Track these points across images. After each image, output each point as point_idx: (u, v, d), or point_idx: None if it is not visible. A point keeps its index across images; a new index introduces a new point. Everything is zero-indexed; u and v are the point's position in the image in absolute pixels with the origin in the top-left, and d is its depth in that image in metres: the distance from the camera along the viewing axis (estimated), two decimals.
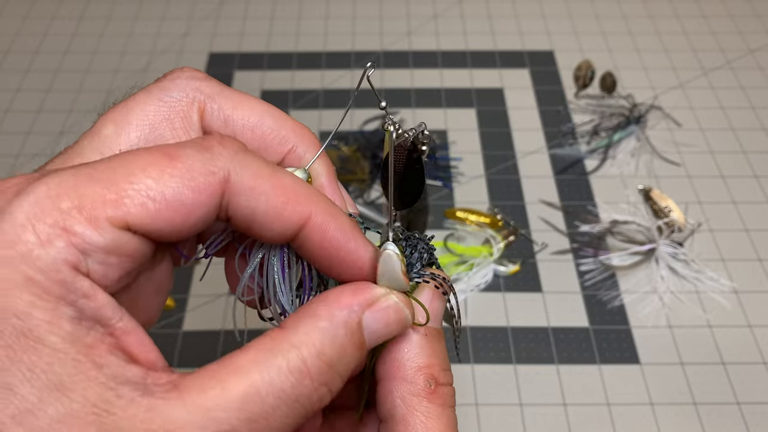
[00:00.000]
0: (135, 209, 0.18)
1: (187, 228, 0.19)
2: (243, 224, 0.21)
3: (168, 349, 0.52)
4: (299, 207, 0.21)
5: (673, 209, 0.60)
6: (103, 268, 0.18)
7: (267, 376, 0.18)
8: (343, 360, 0.20)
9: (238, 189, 0.20)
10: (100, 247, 0.18)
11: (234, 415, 0.17)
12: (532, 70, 0.75)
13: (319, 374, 0.19)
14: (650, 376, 0.51)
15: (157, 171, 0.18)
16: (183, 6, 0.82)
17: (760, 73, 0.74)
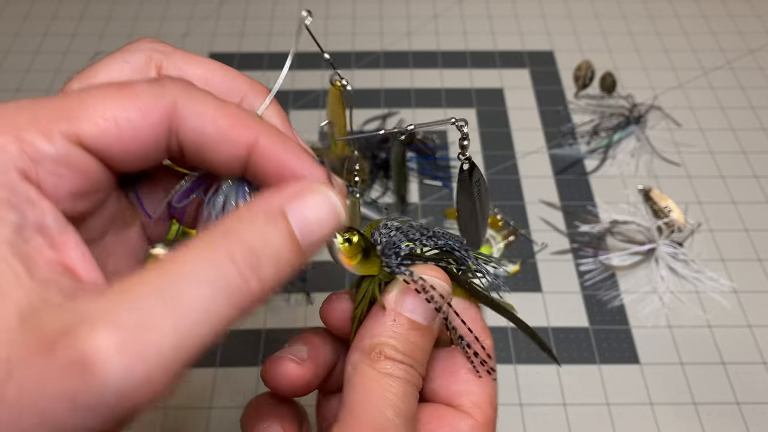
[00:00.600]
0: (86, 125, 0.19)
1: (136, 149, 0.20)
2: (194, 151, 0.22)
3: None
4: (246, 130, 0.22)
5: (673, 209, 0.60)
6: (54, 179, 0.19)
7: (186, 265, 0.18)
8: (268, 248, 0.19)
9: (185, 113, 0.21)
10: (50, 156, 0.19)
11: (152, 302, 0.17)
12: (532, 71, 0.75)
13: (244, 259, 0.18)
14: (650, 376, 0.51)
15: (108, 97, 0.20)
16: (183, 6, 0.82)
17: (760, 73, 0.74)
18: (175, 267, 0.18)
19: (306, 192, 0.21)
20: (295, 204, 0.20)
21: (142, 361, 0.16)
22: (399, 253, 0.26)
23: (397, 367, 0.23)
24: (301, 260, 0.20)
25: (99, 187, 0.21)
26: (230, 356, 0.52)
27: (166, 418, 0.49)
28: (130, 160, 0.21)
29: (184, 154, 0.22)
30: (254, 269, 0.19)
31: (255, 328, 0.53)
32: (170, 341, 0.17)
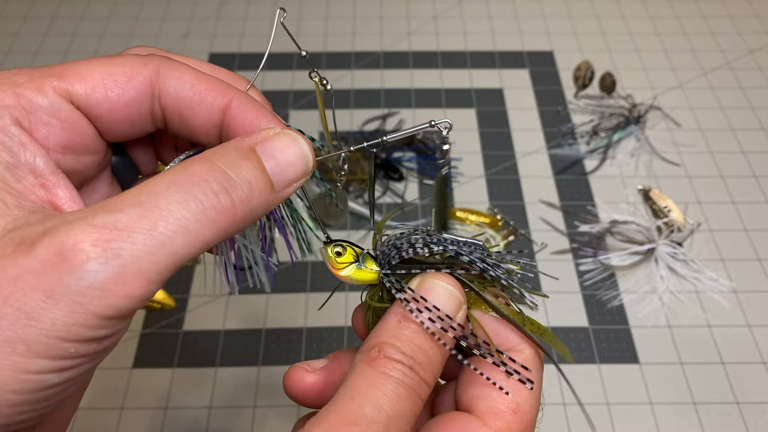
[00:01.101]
0: (77, 84, 0.22)
1: (122, 109, 0.23)
2: (174, 116, 0.24)
3: (168, 348, 0.52)
4: (221, 93, 0.24)
5: (673, 209, 0.60)
6: (46, 129, 0.21)
7: (162, 184, 0.19)
8: (240, 174, 0.20)
9: (166, 79, 0.23)
10: (43, 108, 0.21)
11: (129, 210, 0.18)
12: (531, 71, 0.75)
13: (216, 179, 0.20)
14: (649, 375, 0.51)
15: (98, 63, 0.22)
16: (183, 7, 0.83)
17: (759, 74, 0.74)
18: (152, 184, 0.19)
19: (276, 135, 0.23)
20: (266, 144, 0.22)
21: (117, 258, 0.17)
22: (393, 263, 0.26)
23: (393, 366, 0.23)
24: (273, 196, 0.22)
25: (87, 147, 0.23)
26: (230, 356, 0.52)
27: (166, 416, 0.49)
28: (117, 121, 0.23)
29: (166, 121, 0.24)
30: (226, 189, 0.20)
31: (255, 328, 0.53)
32: (144, 245, 0.18)
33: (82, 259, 0.17)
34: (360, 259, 0.26)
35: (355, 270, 0.26)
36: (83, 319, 0.17)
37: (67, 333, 0.17)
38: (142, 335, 0.53)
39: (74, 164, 0.23)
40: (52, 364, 0.18)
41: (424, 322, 0.24)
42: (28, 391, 0.18)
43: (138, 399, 0.50)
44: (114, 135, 0.24)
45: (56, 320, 0.17)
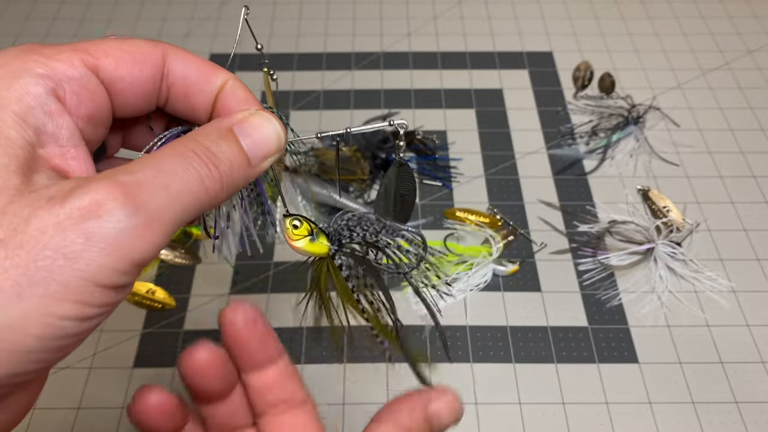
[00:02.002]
0: (104, 58, 0.24)
1: (141, 84, 0.25)
2: (180, 92, 0.26)
3: (169, 348, 0.53)
4: (221, 73, 0.27)
5: (672, 209, 0.61)
6: (77, 99, 0.23)
7: (158, 157, 0.22)
8: (222, 151, 0.23)
9: (174, 60, 0.26)
10: (74, 79, 0.23)
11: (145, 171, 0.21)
12: (531, 71, 0.75)
13: (203, 153, 0.23)
14: (649, 375, 0.51)
15: (116, 43, 0.25)
16: (184, 7, 0.83)
17: (758, 74, 0.74)
18: (158, 155, 0.22)
19: (251, 115, 0.26)
20: (242, 124, 0.25)
21: (145, 207, 0.20)
22: (342, 238, 0.30)
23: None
24: (251, 171, 0.25)
25: (104, 120, 0.25)
26: None
27: None
28: (134, 96, 0.25)
29: (169, 99, 0.27)
30: (213, 162, 0.23)
31: None
32: (163, 198, 0.21)
33: (117, 207, 0.19)
34: (314, 234, 0.30)
35: (307, 243, 0.30)
36: (116, 262, 0.19)
37: (99, 276, 0.19)
38: (143, 335, 0.53)
39: (91, 136, 0.25)
40: (76, 310, 0.19)
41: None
42: (47, 338, 0.19)
43: None
44: (126, 110, 0.26)
45: (92, 261, 0.19)
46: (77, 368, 0.51)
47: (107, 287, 0.20)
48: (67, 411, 0.49)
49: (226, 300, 0.55)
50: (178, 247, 0.58)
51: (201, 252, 0.59)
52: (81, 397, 0.50)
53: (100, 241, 0.19)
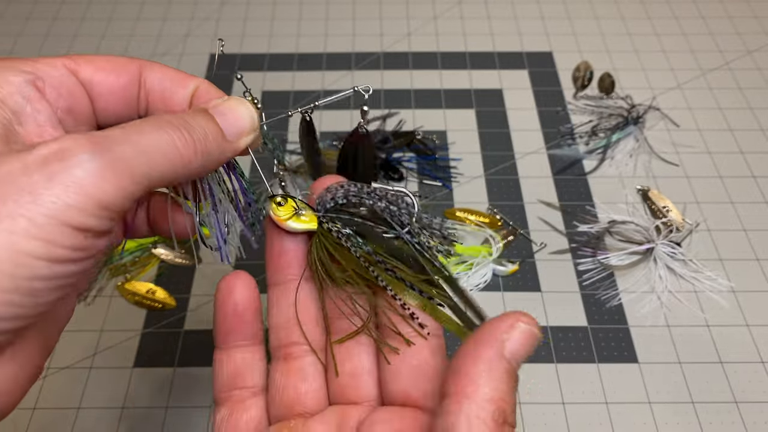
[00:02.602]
0: (84, 64, 0.27)
1: (119, 91, 0.27)
2: (158, 97, 0.28)
3: (169, 348, 0.53)
4: (194, 79, 0.29)
5: (671, 209, 0.61)
6: (56, 93, 0.26)
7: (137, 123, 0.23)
8: (199, 125, 0.25)
9: (150, 70, 0.28)
10: (54, 76, 0.26)
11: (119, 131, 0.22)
12: (530, 71, 0.75)
13: (179, 122, 0.24)
14: (648, 375, 0.51)
15: (97, 56, 0.28)
16: (184, 7, 0.83)
17: (758, 74, 0.74)
18: (130, 124, 0.23)
19: (226, 100, 0.28)
20: (218, 107, 0.27)
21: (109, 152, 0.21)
22: (327, 206, 0.30)
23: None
24: (227, 144, 0.27)
25: (85, 119, 0.27)
26: None
27: (167, 416, 0.49)
28: (113, 101, 0.27)
29: (149, 106, 0.28)
30: (186, 128, 0.24)
31: None
32: (131, 150, 0.22)
33: (81, 151, 0.21)
34: (299, 209, 0.30)
35: (294, 219, 0.30)
36: (82, 201, 0.20)
37: (66, 215, 0.20)
38: (143, 335, 0.53)
39: (73, 130, 0.27)
40: (45, 249, 0.20)
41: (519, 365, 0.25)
42: (20, 277, 0.19)
43: (139, 398, 0.50)
44: (107, 115, 0.28)
45: (57, 200, 0.20)
46: (77, 368, 0.51)
47: (76, 228, 0.20)
48: (67, 411, 0.49)
49: None
50: (178, 247, 0.58)
51: (201, 252, 0.59)
52: (81, 397, 0.50)
53: (64, 180, 0.20)
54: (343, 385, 0.30)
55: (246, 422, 0.29)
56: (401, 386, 0.28)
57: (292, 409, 0.30)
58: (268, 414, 0.30)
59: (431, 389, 0.28)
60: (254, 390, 0.30)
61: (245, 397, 0.30)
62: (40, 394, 0.50)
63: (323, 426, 0.29)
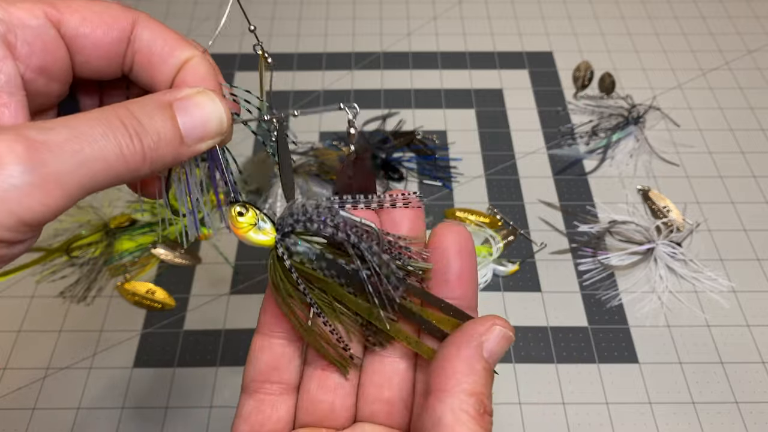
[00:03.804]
0: (68, 14, 0.24)
1: (106, 46, 0.25)
2: (144, 60, 0.26)
3: (169, 348, 0.53)
4: (188, 48, 0.26)
5: (672, 209, 0.61)
6: (29, 48, 0.23)
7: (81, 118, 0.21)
8: (152, 124, 0.23)
9: (144, 27, 0.26)
10: (31, 28, 0.23)
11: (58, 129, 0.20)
12: (531, 71, 0.75)
13: (129, 122, 0.22)
14: (649, 375, 0.51)
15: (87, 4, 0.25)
16: (184, 7, 0.83)
17: (758, 74, 0.74)
18: (80, 116, 0.21)
19: (196, 94, 0.24)
20: (184, 101, 0.24)
21: (42, 167, 0.19)
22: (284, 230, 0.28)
23: (491, 424, 0.25)
24: (183, 149, 0.24)
25: (60, 76, 0.25)
26: (230, 356, 0.52)
27: (167, 416, 0.49)
28: (96, 57, 0.25)
29: (133, 67, 0.26)
30: (138, 134, 0.22)
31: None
32: (68, 162, 0.20)
33: (13, 161, 0.19)
34: (259, 222, 0.28)
35: (253, 231, 0.28)
36: (2, 216, 0.19)
37: None
38: (143, 335, 0.53)
39: (43, 88, 0.25)
40: None
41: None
42: None
43: (138, 398, 0.50)
44: (87, 70, 0.26)
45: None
46: (77, 368, 0.51)
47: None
48: (67, 411, 0.49)
49: (226, 300, 0.55)
50: (178, 247, 0.58)
51: (201, 252, 0.59)
52: (81, 397, 0.50)
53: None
54: (375, 411, 0.29)
55: (275, 421, 0.28)
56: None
57: (321, 422, 0.29)
58: (294, 417, 0.29)
59: None
60: (286, 387, 0.29)
61: (276, 392, 0.29)
62: (40, 394, 0.50)
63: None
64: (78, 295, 0.55)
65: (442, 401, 0.24)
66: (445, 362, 0.25)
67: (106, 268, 0.56)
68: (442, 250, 0.28)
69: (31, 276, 0.56)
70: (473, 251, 0.28)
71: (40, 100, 0.25)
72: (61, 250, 0.56)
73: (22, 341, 0.53)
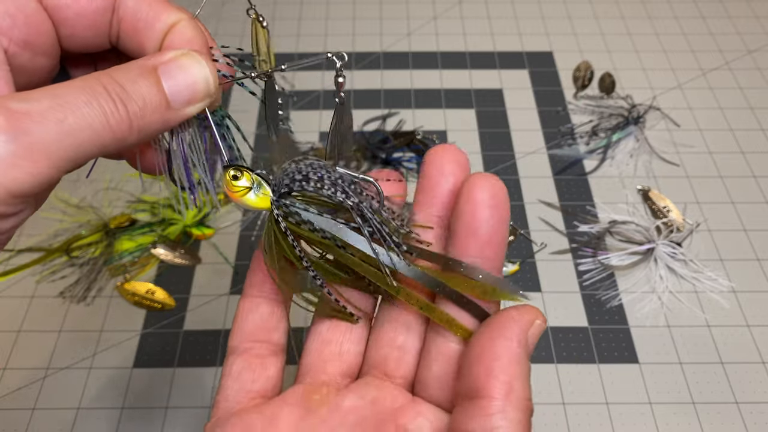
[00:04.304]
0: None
1: (89, 13, 0.24)
2: (130, 28, 0.25)
3: (169, 348, 0.53)
4: (174, 12, 0.26)
5: (672, 209, 0.61)
6: (11, 20, 0.22)
7: (66, 86, 0.21)
8: (136, 90, 0.22)
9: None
10: (10, 0, 0.22)
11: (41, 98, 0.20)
12: (531, 71, 0.75)
13: (113, 89, 0.21)
14: (649, 375, 0.51)
15: None
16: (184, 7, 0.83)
17: (758, 74, 0.74)
18: (63, 85, 0.21)
19: (180, 56, 0.24)
20: (169, 64, 0.23)
21: (26, 135, 0.19)
22: (282, 191, 0.27)
23: None
24: (170, 114, 0.23)
25: (46, 50, 0.24)
26: None
27: (167, 416, 0.49)
28: (81, 27, 0.24)
29: (120, 35, 0.26)
30: (122, 101, 0.21)
31: None
32: (53, 130, 0.19)
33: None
34: (255, 185, 0.27)
35: (250, 195, 0.27)
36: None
37: None
38: (143, 335, 0.53)
39: (29, 63, 0.24)
40: None
41: None
42: None
43: (138, 398, 0.50)
44: (74, 43, 0.25)
45: None
46: (77, 368, 0.51)
47: None
48: (67, 411, 0.49)
49: (226, 300, 0.55)
50: (178, 247, 0.58)
51: (201, 252, 0.59)
52: (81, 397, 0.50)
53: None
54: (385, 355, 0.27)
55: (266, 379, 0.27)
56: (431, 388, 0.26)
57: (325, 366, 0.27)
58: (282, 379, 0.29)
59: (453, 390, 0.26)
60: (275, 348, 0.28)
61: (265, 353, 0.28)
62: (40, 394, 0.50)
63: (358, 401, 0.26)
64: (78, 295, 0.55)
65: (500, 409, 0.22)
66: (497, 364, 0.23)
67: (106, 268, 0.56)
68: (474, 203, 0.24)
69: (31, 276, 0.56)
70: (508, 206, 0.25)
71: (27, 75, 0.24)
72: (61, 250, 0.56)
73: (22, 341, 0.53)
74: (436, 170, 0.27)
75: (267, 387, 0.27)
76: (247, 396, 0.27)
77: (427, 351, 0.27)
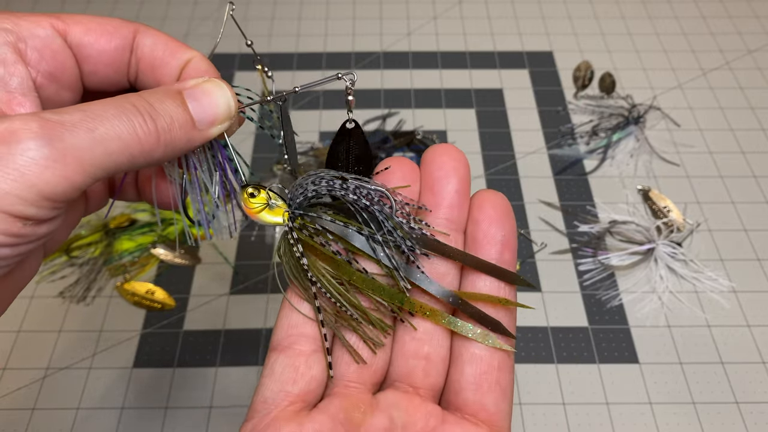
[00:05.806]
0: (73, 25, 0.26)
1: (110, 53, 0.26)
2: (148, 66, 0.27)
3: (169, 348, 0.53)
4: (188, 50, 0.28)
5: (672, 209, 0.60)
6: (38, 55, 0.25)
7: (97, 104, 0.22)
8: (164, 108, 0.24)
9: (145, 35, 0.27)
10: (39, 37, 0.24)
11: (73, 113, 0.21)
12: (531, 71, 0.75)
13: (143, 106, 0.23)
14: (649, 375, 0.51)
15: (90, 16, 0.27)
16: (183, 7, 0.83)
17: (758, 74, 0.74)
18: (92, 102, 0.22)
19: (203, 82, 0.26)
20: (193, 90, 0.25)
21: (60, 141, 0.20)
22: (297, 202, 0.28)
23: None
24: (196, 133, 0.25)
25: (70, 84, 0.26)
26: (230, 356, 0.52)
27: (167, 416, 0.49)
28: (102, 64, 0.26)
29: (138, 74, 0.28)
30: (151, 116, 0.23)
31: (255, 328, 0.54)
32: (85, 138, 0.21)
33: (29, 136, 0.20)
34: (271, 201, 0.29)
35: (266, 211, 0.29)
36: (22, 190, 0.19)
37: (3, 201, 0.19)
38: (142, 335, 0.53)
39: (55, 95, 0.26)
40: None
41: None
42: None
43: (138, 398, 0.50)
44: (96, 80, 0.27)
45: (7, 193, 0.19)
46: (77, 368, 0.51)
47: (13, 216, 0.20)
48: (67, 411, 0.49)
49: (226, 300, 0.55)
50: (178, 247, 0.58)
51: (201, 252, 0.59)
52: (81, 397, 0.50)
53: (5, 166, 0.19)
54: (412, 367, 0.28)
55: (309, 380, 0.27)
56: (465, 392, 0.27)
57: (361, 375, 0.28)
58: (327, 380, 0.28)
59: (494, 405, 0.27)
60: (319, 347, 0.28)
61: (309, 351, 0.27)
62: (40, 394, 0.50)
63: (389, 423, 0.26)
64: (78, 295, 0.55)
65: None
66: None
67: (106, 268, 0.56)
68: (484, 218, 0.28)
69: None
70: (513, 215, 0.29)
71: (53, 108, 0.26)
72: (60, 250, 0.56)
73: (22, 341, 0.53)
74: (437, 170, 0.29)
75: (308, 390, 0.27)
76: (286, 399, 0.26)
77: (458, 355, 0.28)
